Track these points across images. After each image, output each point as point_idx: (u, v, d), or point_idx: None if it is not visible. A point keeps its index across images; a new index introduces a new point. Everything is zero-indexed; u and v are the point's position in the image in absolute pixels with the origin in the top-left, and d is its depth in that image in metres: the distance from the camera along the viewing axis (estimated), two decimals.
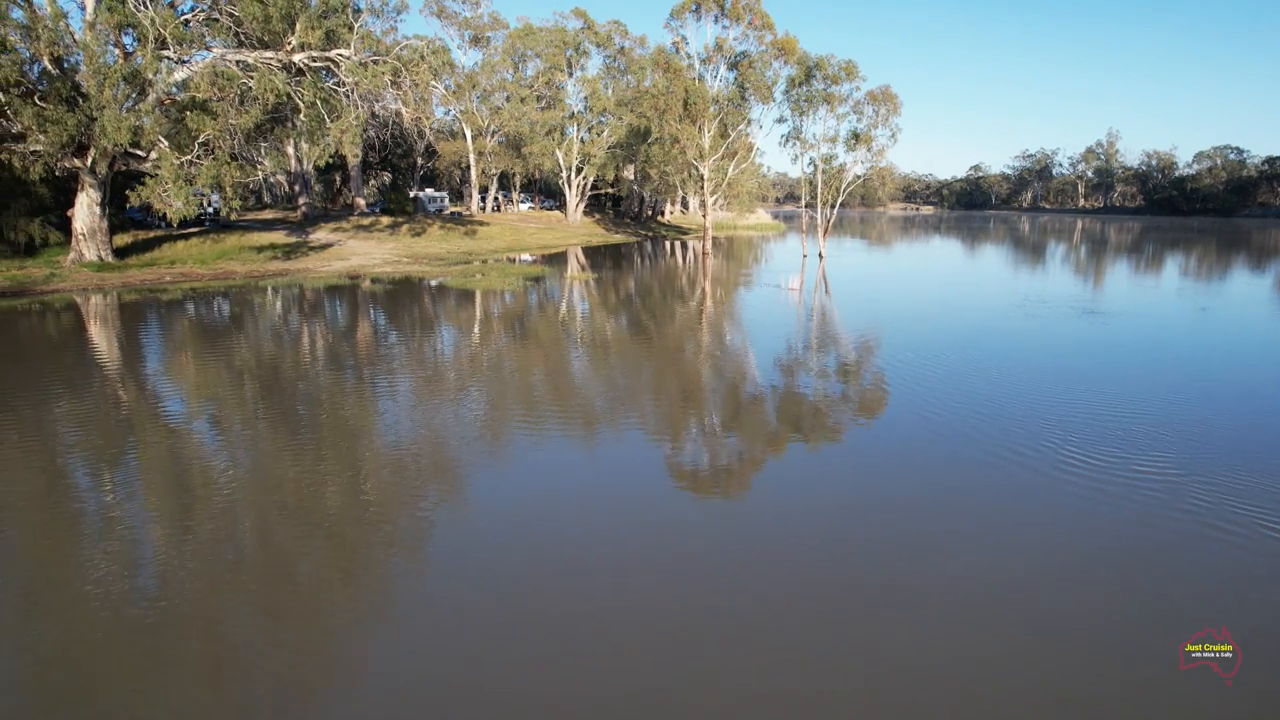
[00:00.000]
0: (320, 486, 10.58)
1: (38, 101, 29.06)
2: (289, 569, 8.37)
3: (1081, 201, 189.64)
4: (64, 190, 35.53)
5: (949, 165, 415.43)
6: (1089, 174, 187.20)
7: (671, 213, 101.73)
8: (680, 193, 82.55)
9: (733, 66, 50.39)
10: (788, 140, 51.11)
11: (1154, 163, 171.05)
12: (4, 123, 28.93)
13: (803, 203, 56.04)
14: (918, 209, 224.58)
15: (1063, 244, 74.80)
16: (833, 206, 51.25)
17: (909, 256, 61.62)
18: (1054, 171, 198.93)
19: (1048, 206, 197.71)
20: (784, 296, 32.69)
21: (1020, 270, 48.46)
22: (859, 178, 51.70)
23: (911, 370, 17.77)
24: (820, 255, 50.97)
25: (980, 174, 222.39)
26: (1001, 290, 35.20)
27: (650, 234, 76.47)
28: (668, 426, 13.90)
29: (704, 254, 52.55)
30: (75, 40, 30.79)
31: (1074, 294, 33.57)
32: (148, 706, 6.09)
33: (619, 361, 19.64)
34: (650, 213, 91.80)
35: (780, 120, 51.58)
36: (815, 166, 50.72)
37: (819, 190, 50.72)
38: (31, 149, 29.96)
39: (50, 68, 30.47)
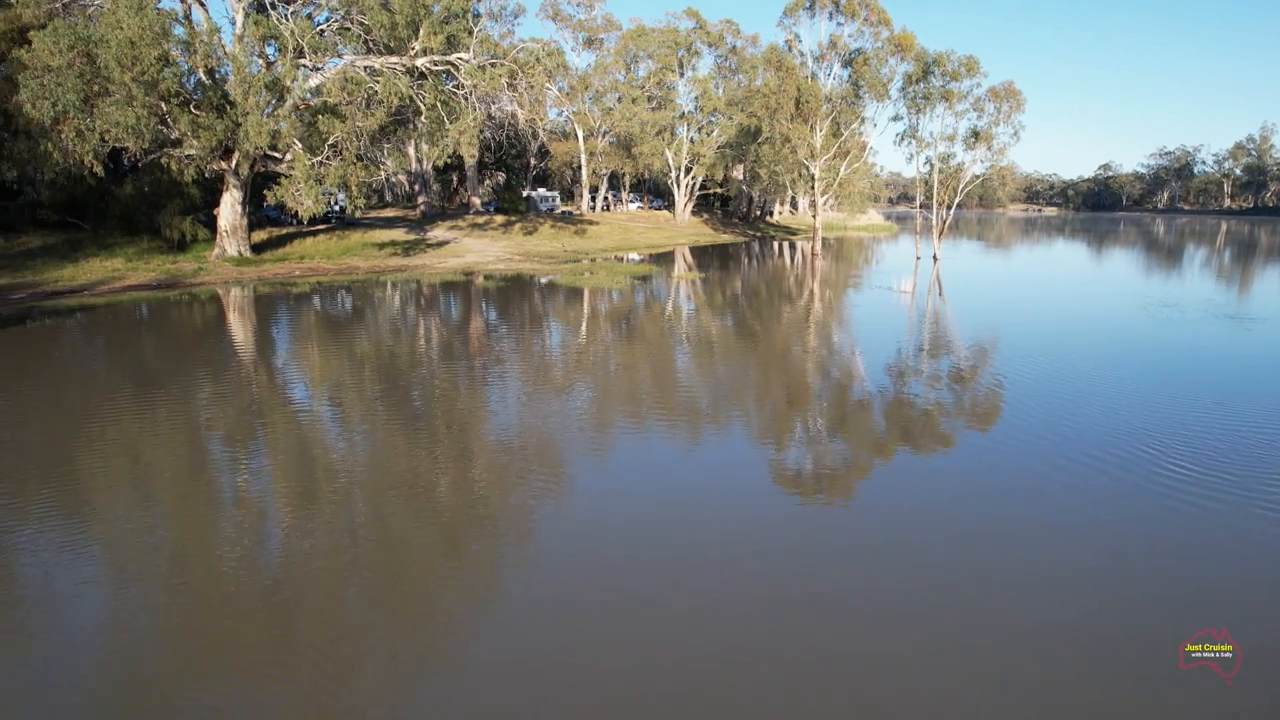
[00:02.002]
0: (433, 471, 11.09)
1: (193, 110, 31.58)
2: (402, 549, 8.82)
3: (1227, 202, 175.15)
4: (210, 191, 38.53)
5: (1075, 164, 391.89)
6: (1237, 172, 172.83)
7: (780, 213, 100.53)
8: (789, 193, 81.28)
9: (847, 64, 49.21)
10: (903, 139, 49.50)
11: None
12: (164, 130, 31.56)
13: (917, 203, 54.23)
14: (1040, 210, 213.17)
15: (1204, 246, 69.38)
16: (949, 207, 49.36)
17: (1029, 260, 58.62)
18: (1195, 170, 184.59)
19: (1186, 208, 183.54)
20: (895, 299, 31.78)
21: (1154, 276, 45.27)
22: (978, 177, 49.56)
23: (1023, 380, 16.96)
24: (935, 257, 49.21)
25: (1110, 173, 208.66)
26: (1134, 298, 32.97)
27: (758, 234, 75.86)
28: (772, 428, 13.81)
29: (813, 255, 51.70)
30: (225, 52, 33.30)
31: (1220, 301, 31.11)
32: (262, 667, 6.59)
33: (724, 361, 19.62)
34: (759, 213, 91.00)
35: (895, 118, 50.03)
36: (931, 166, 48.95)
37: (935, 190, 48.99)
38: (186, 153, 32.61)
39: (204, 78, 33.05)
